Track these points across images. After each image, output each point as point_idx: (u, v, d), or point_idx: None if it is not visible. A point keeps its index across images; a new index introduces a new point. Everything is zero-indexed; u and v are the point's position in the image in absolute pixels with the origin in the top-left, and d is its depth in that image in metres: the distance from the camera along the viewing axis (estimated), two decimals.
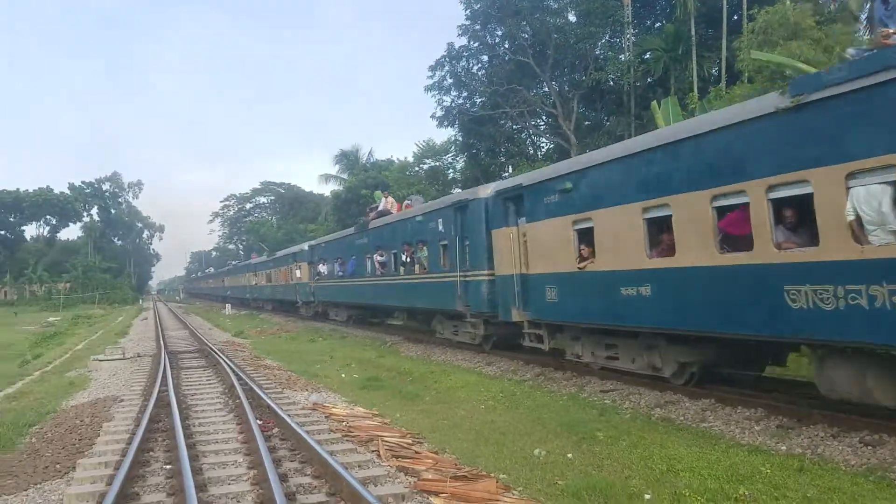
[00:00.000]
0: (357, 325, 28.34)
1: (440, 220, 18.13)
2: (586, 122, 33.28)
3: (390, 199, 25.44)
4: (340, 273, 27.57)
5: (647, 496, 6.67)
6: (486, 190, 16.24)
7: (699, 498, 6.50)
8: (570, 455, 8.26)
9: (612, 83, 30.76)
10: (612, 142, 22.21)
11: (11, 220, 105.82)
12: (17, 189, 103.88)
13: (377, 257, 22.95)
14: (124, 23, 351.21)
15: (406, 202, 23.92)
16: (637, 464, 7.78)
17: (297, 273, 35.36)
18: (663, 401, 10.54)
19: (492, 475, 7.30)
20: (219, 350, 19.05)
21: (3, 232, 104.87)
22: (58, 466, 7.99)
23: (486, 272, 15.60)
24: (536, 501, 6.43)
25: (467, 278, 16.51)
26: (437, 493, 6.27)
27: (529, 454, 8.35)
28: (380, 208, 24.83)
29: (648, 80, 29.94)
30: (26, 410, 12.23)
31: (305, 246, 35.10)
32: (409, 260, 19.98)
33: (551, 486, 7.02)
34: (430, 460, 7.62)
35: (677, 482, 7.04)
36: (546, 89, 32.89)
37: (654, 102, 22.45)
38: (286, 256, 39.30)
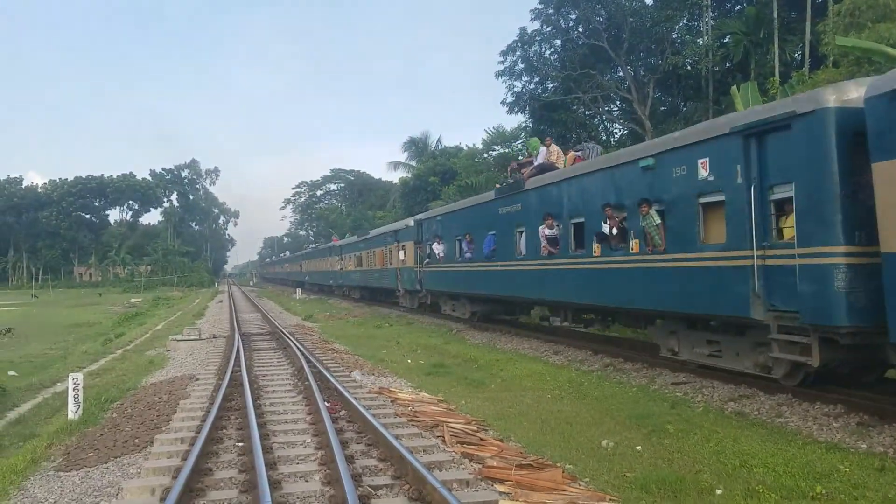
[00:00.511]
0: (476, 323, 22.24)
1: (702, 162, 10.70)
2: (661, 108, 32.41)
3: (554, 147, 17.78)
4: (469, 255, 20.76)
5: (718, 491, 6.46)
6: (834, 94, 8.77)
7: (773, 495, 6.25)
8: (639, 447, 8.07)
9: (689, 68, 29.80)
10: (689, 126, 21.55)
11: (96, 204, 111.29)
12: (102, 175, 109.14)
13: (545, 230, 15.76)
14: (202, 18, 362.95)
15: (575, 153, 17.15)
16: (708, 458, 7.54)
17: (401, 255, 29.05)
18: (737, 395, 10.20)
19: (557, 465, 7.20)
20: (289, 333, 19.49)
21: (88, 216, 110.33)
22: (136, 441, 8.30)
23: (840, 248, 8.44)
24: (603, 493, 6.30)
25: (782, 260, 9.28)
26: (501, 481, 6.22)
27: (597, 445, 8.21)
28: (539, 161, 17.42)
29: (727, 64, 28.89)
30: (109, 387, 12.80)
31: (411, 221, 28.51)
32: (614, 232, 13.06)
33: (619, 479, 6.87)
34: (494, 447, 7.58)
35: (750, 478, 6.79)
36: (621, 74, 32.12)
37: (734, 87, 21.62)
38: (383, 235, 33.05)
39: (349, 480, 5.60)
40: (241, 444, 7.61)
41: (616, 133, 34.90)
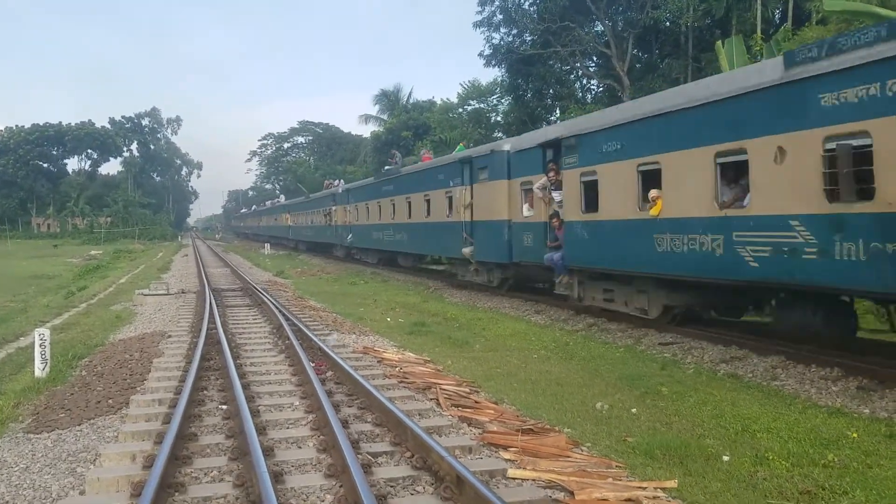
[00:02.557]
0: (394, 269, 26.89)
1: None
2: (637, 65, 31.93)
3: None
4: None
5: (725, 458, 6.28)
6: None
7: (783, 462, 6.09)
8: (634, 410, 7.90)
9: (668, 24, 29.32)
10: (668, 85, 21.22)
11: (54, 153, 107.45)
12: (60, 122, 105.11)
13: None
14: None
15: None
16: (708, 422, 7.39)
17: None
18: (728, 356, 10.10)
19: (556, 429, 6.98)
20: (262, 289, 18.99)
21: (46, 165, 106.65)
22: (110, 402, 7.85)
23: None
24: (608, 459, 6.08)
25: None
26: (505, 447, 5.95)
27: (591, 407, 8.02)
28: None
29: (708, 20, 28.47)
30: (75, 343, 12.26)
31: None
32: None
33: (620, 443, 6.67)
34: (491, 411, 7.31)
35: (755, 444, 6.64)
36: (600, 28, 31.51)
37: (719, 43, 21.27)
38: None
39: (348, 447, 5.26)
40: (225, 406, 7.21)
41: (592, 90, 34.45)
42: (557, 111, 32.95)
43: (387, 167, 29.14)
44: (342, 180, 42.81)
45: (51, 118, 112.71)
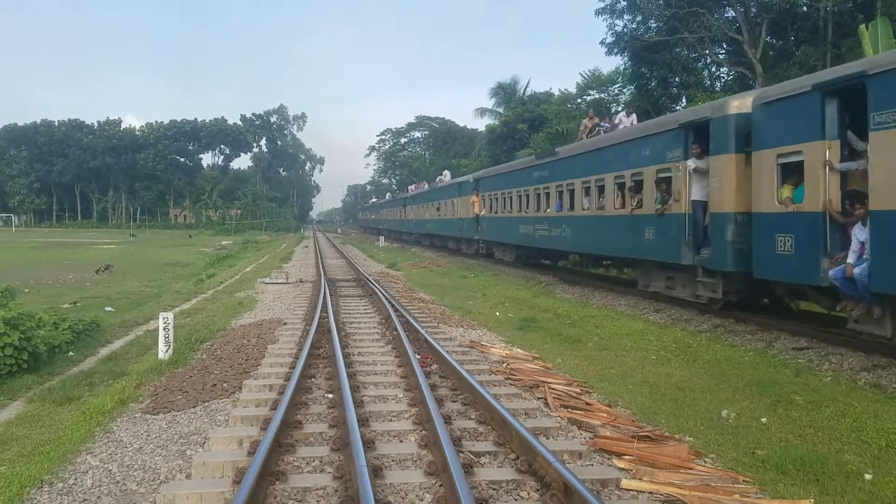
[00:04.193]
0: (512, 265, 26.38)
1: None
2: (771, 52, 29.85)
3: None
4: None
5: (867, 476, 5.58)
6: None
7: None
8: (764, 419, 7.23)
9: (805, 8, 27.20)
10: (805, 72, 19.58)
11: (190, 148, 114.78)
12: (196, 119, 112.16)
13: None
14: None
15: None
16: (847, 436, 6.63)
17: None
18: (870, 364, 9.11)
19: (676, 437, 6.45)
20: (374, 280, 19.21)
21: (183, 159, 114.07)
22: (225, 385, 8.03)
23: None
24: (734, 473, 5.52)
25: None
26: (618, 454, 5.52)
27: (716, 415, 7.40)
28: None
29: (849, 3, 26.18)
30: (199, 327, 12.77)
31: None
32: None
33: (748, 456, 6.07)
34: (603, 414, 6.87)
35: None
36: (731, 14, 29.69)
37: (862, 26, 19.46)
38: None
39: (450, 445, 5.01)
40: (330, 395, 7.18)
41: (722, 78, 32.54)
42: (683, 100, 31.36)
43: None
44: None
45: (187, 115, 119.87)
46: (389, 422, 6.32)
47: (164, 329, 9.91)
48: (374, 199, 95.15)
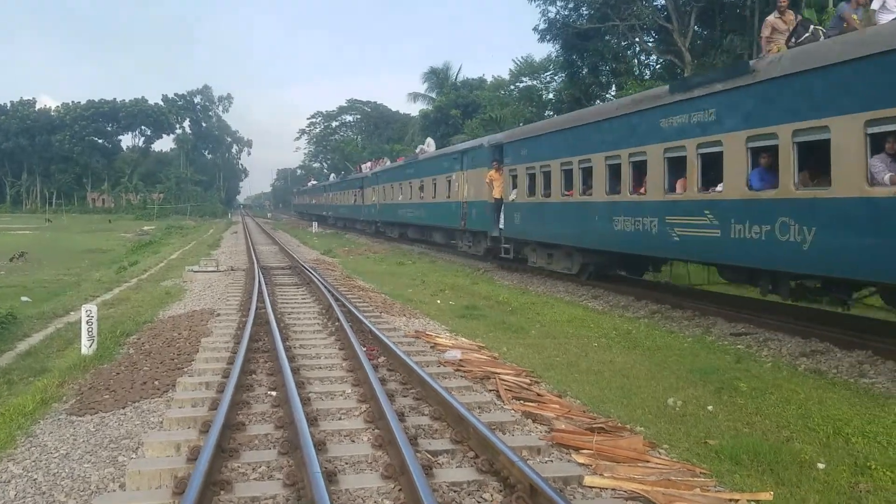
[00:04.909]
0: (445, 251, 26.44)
1: None
2: (698, 41, 30.57)
3: None
4: None
5: (820, 465, 5.64)
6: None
7: (887, 473, 5.42)
8: (710, 407, 7.26)
9: None
10: (732, 60, 20.00)
11: (109, 129, 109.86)
12: (114, 99, 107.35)
13: None
14: None
15: None
16: (794, 423, 6.71)
17: None
18: (808, 349, 9.35)
19: (628, 427, 6.41)
20: (310, 268, 18.72)
21: (101, 140, 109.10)
22: (156, 383, 7.55)
23: None
24: (691, 465, 5.49)
25: None
26: (577, 449, 5.41)
27: (662, 403, 7.40)
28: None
29: None
30: (124, 319, 12.10)
31: None
32: None
33: (701, 446, 6.06)
34: (556, 405, 6.77)
35: (851, 450, 5.97)
36: (661, 1, 30.19)
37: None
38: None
39: (407, 445, 4.78)
40: (273, 392, 6.82)
41: (651, 66, 33.14)
42: (613, 88, 31.79)
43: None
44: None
45: (105, 95, 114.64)
46: (339, 420, 6.03)
47: (88, 322, 9.27)
48: (313, 182, 79.20)
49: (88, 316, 9.30)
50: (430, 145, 29.06)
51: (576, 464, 5.13)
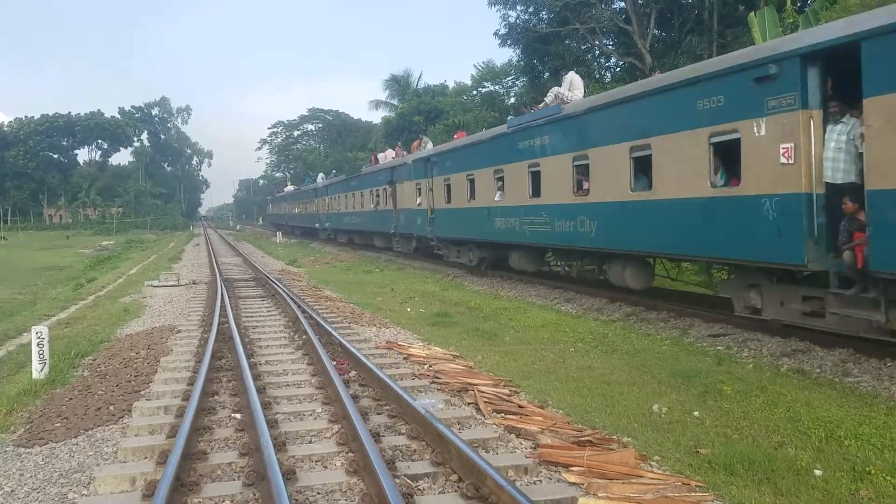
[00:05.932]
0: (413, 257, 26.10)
1: None
2: (657, 44, 30.67)
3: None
4: None
5: (817, 472, 5.40)
6: None
7: (888, 478, 5.22)
8: (696, 413, 7.01)
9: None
10: (692, 61, 19.99)
11: (64, 143, 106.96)
12: (69, 113, 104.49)
13: None
14: None
15: None
16: (784, 427, 6.49)
17: None
18: (789, 349, 9.17)
19: (615, 437, 6.11)
20: (275, 279, 18.17)
21: (56, 155, 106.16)
22: (111, 408, 7.04)
23: None
24: (685, 478, 5.20)
25: None
26: (566, 466, 5.08)
27: (647, 410, 7.13)
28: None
29: None
30: (79, 339, 11.48)
31: None
32: None
33: (692, 456, 5.78)
34: (539, 418, 6.44)
35: (847, 454, 5.77)
36: (621, 4, 30.22)
37: (752, 14, 20.13)
38: None
39: (384, 471, 4.40)
40: (238, 415, 6.37)
41: (611, 69, 33.13)
42: None
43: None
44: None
45: (60, 109, 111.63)
46: (310, 444, 5.61)
47: (39, 345, 8.68)
48: (290, 187, 64.23)
49: (39, 338, 8.71)
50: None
51: (567, 483, 4.80)
